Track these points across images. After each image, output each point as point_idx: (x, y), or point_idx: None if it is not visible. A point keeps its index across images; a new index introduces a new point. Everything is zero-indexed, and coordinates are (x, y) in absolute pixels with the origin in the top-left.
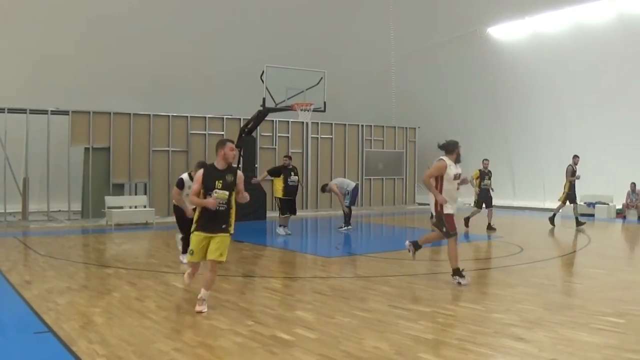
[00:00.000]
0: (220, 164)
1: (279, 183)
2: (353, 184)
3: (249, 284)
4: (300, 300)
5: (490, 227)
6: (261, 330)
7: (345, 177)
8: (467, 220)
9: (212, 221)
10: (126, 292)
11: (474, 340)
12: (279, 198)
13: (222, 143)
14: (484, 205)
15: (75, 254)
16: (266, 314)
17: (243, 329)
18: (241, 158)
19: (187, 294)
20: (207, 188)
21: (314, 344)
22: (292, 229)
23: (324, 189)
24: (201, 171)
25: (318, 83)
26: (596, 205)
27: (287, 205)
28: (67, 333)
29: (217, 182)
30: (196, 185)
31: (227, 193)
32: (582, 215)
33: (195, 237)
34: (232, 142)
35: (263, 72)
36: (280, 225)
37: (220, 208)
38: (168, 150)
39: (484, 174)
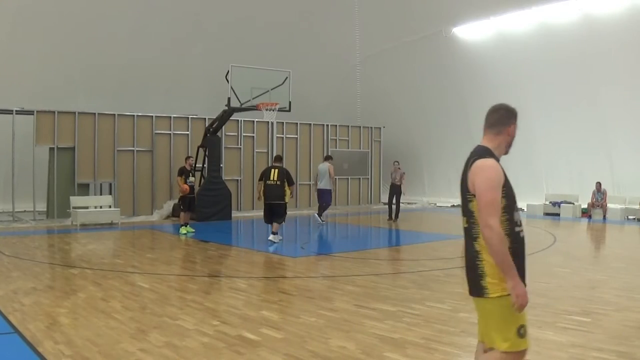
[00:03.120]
0: (500, 150)
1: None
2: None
3: (214, 284)
4: (266, 300)
5: None
6: (227, 330)
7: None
8: None
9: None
10: (92, 293)
11: (440, 339)
12: (286, 203)
13: (513, 114)
14: None
15: (40, 255)
16: (232, 314)
17: (209, 329)
18: (206, 158)
19: (152, 294)
20: (512, 207)
21: (280, 343)
22: (257, 229)
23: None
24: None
25: (283, 83)
26: (562, 205)
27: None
28: (32, 334)
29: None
30: None
31: None
32: (547, 214)
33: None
34: None
35: (228, 71)
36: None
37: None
38: (133, 150)
39: None
